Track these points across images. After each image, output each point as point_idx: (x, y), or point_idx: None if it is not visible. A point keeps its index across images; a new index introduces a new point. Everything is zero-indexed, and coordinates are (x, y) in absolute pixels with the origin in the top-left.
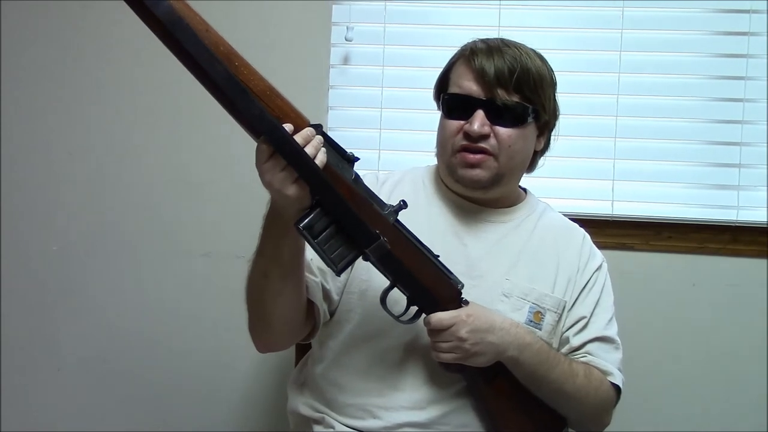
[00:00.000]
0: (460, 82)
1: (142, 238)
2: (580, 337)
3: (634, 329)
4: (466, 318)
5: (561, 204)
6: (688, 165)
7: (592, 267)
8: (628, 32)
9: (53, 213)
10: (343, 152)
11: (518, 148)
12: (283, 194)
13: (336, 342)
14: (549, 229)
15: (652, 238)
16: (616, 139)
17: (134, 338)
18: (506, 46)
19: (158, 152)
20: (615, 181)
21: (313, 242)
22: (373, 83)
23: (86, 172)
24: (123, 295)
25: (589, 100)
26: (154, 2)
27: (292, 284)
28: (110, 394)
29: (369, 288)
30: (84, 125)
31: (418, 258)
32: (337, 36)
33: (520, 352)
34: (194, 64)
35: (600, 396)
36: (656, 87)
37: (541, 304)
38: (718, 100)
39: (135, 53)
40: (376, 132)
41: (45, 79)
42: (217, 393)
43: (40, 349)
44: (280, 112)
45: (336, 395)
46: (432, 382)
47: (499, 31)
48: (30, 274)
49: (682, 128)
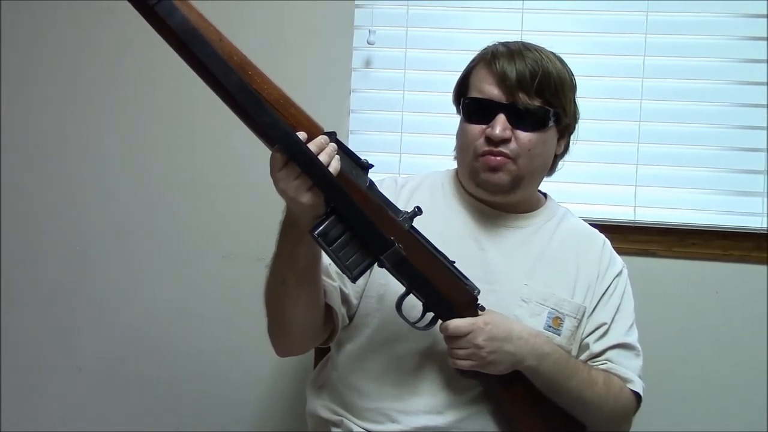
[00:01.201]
0: (481, 85)
1: (162, 239)
2: (600, 344)
3: (655, 337)
4: (483, 325)
5: (583, 209)
6: (712, 171)
7: (612, 273)
8: (652, 37)
9: (74, 214)
10: (357, 159)
11: (539, 151)
12: (297, 202)
13: (355, 346)
14: (569, 235)
15: (675, 245)
16: (639, 144)
17: (153, 340)
18: (527, 49)
19: (178, 154)
20: (638, 186)
21: (328, 249)
22: (394, 87)
23: (107, 173)
24: (143, 296)
25: (612, 104)
26: (169, 13)
27: (309, 290)
28: (129, 395)
29: (387, 292)
30: (105, 127)
31: (434, 264)
32: (359, 39)
33: (539, 361)
34: (208, 74)
35: (620, 403)
36: (680, 92)
37: (561, 310)
38: (743, 106)
39: (153, 55)
40: (398, 135)
41: (64, 81)
42: (236, 394)
43: (60, 349)
44: (294, 121)
45: (354, 399)
46: (450, 387)
47: (521, 35)
48: (50, 275)
49: (706, 134)
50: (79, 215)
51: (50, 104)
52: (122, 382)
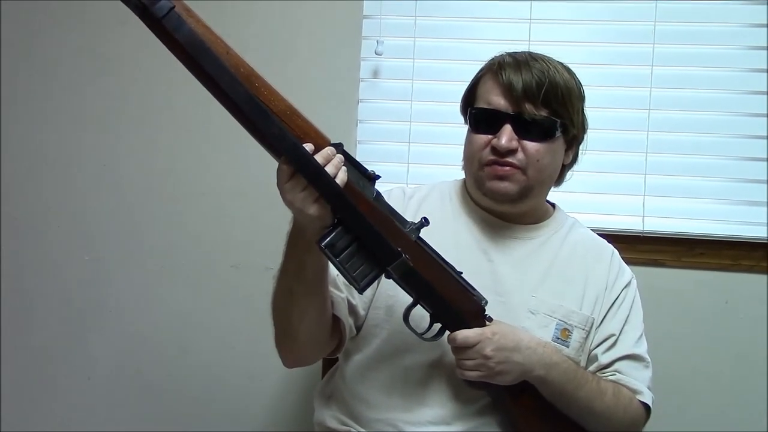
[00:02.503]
0: (488, 96)
1: (171, 249)
2: (609, 355)
3: (664, 347)
4: (491, 336)
5: (591, 219)
6: (721, 181)
7: (621, 283)
8: (660, 47)
9: (83, 223)
10: (364, 170)
11: (547, 162)
12: (304, 213)
13: (363, 356)
14: (577, 245)
15: (684, 255)
16: (648, 155)
17: (162, 349)
18: (534, 59)
19: (187, 164)
20: (646, 196)
21: (335, 260)
22: (402, 96)
23: (119, 184)
24: (152, 305)
25: (620, 114)
26: (177, 26)
27: (316, 301)
28: (137, 404)
29: (395, 303)
30: (115, 138)
31: (441, 275)
32: (367, 50)
33: (547, 371)
34: (216, 86)
35: (629, 415)
36: (688, 102)
37: (569, 321)
38: (752, 116)
39: (166, 64)
40: (405, 145)
41: (79, 92)
42: (244, 403)
43: (71, 358)
44: (301, 132)
45: (362, 409)
46: (458, 398)
47: (529, 45)
48: (61, 284)
49: (715, 143)
50: (88, 224)
51: (62, 114)
52: (131, 390)
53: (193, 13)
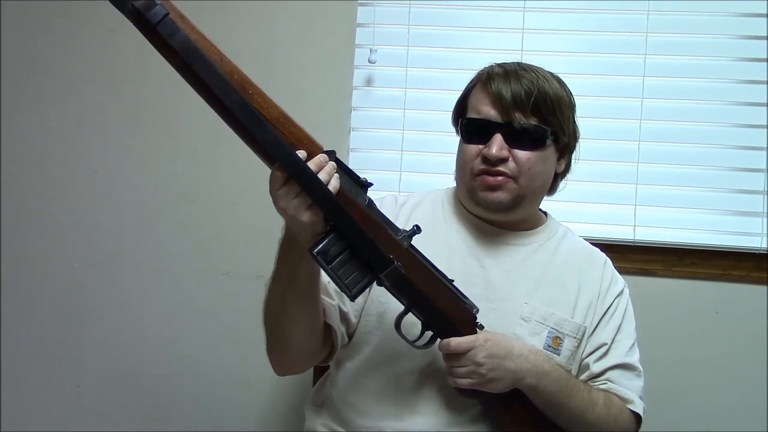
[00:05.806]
0: (478, 106)
1: (161, 256)
2: (601, 364)
3: (655, 356)
4: (483, 343)
5: (583, 228)
6: (712, 191)
7: (613, 292)
8: (652, 57)
9: (74, 231)
10: (356, 178)
11: (538, 170)
12: (297, 220)
13: (354, 364)
14: (570, 254)
15: (675, 264)
16: (639, 164)
17: (152, 356)
18: (523, 69)
19: (178, 171)
20: (637, 206)
21: (327, 268)
22: (395, 105)
23: (109, 191)
24: (142, 313)
25: (611, 124)
26: (171, 33)
27: (308, 308)
28: (127, 412)
29: (387, 310)
30: (108, 147)
31: (433, 282)
32: (360, 58)
33: (539, 379)
34: (209, 93)
35: (620, 424)
36: (679, 112)
37: (561, 329)
38: (743, 126)
39: (157, 71)
40: (398, 153)
41: (75, 97)
42: (236, 411)
43: (61, 364)
44: (294, 139)
45: (354, 417)
46: (449, 406)
47: (522, 55)
48: (49, 292)
49: (706, 154)
50: (79, 232)
51: (54, 121)
52: (120, 398)
53: (188, 20)
